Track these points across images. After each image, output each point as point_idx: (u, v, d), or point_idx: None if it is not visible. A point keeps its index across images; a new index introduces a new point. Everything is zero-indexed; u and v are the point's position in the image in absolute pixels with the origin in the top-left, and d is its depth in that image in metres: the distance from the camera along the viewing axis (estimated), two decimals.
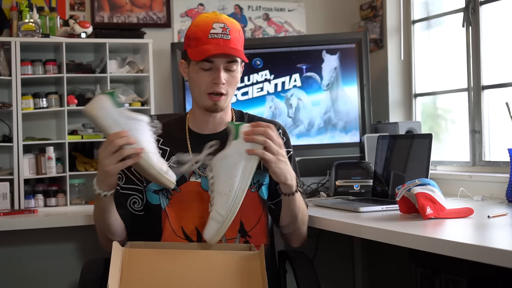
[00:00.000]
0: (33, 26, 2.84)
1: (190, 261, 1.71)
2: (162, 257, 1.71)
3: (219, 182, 1.75)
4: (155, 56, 3.08)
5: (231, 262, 1.71)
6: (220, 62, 1.89)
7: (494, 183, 2.57)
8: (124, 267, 1.69)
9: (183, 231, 1.92)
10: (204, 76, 1.90)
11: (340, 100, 3.10)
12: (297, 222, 1.96)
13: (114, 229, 1.92)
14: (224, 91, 1.91)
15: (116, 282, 1.65)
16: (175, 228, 1.93)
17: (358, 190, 2.74)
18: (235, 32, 1.91)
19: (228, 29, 1.89)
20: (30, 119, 2.92)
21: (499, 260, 1.42)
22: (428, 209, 1.90)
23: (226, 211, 1.71)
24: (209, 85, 1.90)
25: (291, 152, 2.03)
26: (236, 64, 1.92)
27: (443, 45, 3.18)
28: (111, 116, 1.73)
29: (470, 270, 2.23)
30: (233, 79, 1.93)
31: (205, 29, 1.89)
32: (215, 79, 1.89)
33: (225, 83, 1.90)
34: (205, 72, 1.90)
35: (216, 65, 1.89)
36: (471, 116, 2.90)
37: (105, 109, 1.73)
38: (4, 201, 2.72)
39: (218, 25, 1.89)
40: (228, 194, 1.72)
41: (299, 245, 2.06)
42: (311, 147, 3.07)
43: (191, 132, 2.01)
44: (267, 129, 1.76)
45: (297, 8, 3.57)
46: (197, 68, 1.91)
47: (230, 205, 1.71)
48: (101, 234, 1.95)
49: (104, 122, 1.73)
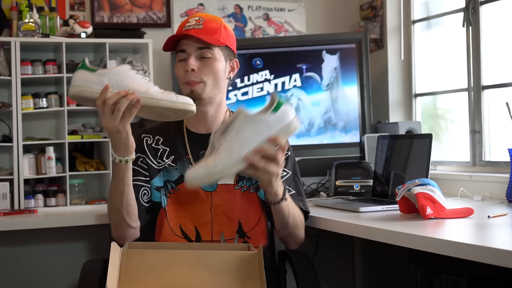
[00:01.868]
0: (33, 26, 2.84)
1: (189, 261, 1.70)
2: (160, 258, 1.70)
3: (236, 137, 1.65)
4: (155, 56, 3.08)
5: (229, 262, 1.70)
6: (191, 50, 1.91)
7: (494, 183, 2.57)
8: (123, 267, 1.68)
9: (181, 230, 1.93)
10: (180, 67, 1.93)
11: (340, 100, 3.10)
12: (289, 227, 1.95)
13: (132, 210, 1.85)
14: (196, 79, 1.90)
15: (114, 283, 1.64)
16: (173, 227, 1.93)
17: (358, 190, 2.74)
18: (211, 23, 1.92)
19: (202, 20, 1.92)
20: (30, 119, 2.92)
21: (499, 260, 1.42)
22: (428, 209, 1.89)
23: (220, 170, 1.63)
24: (183, 74, 1.91)
25: (288, 154, 2.03)
26: (210, 51, 1.91)
27: (443, 45, 3.18)
28: (93, 82, 1.67)
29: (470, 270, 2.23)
30: (208, 67, 1.91)
31: (182, 25, 1.94)
32: (185, 66, 1.91)
33: (196, 71, 1.90)
34: (181, 62, 1.93)
35: (188, 53, 1.92)
36: (471, 116, 2.90)
37: (84, 81, 1.68)
38: (4, 201, 2.72)
39: (194, 18, 1.93)
40: (233, 157, 1.64)
41: (296, 247, 2.05)
42: (311, 147, 3.07)
43: (188, 132, 2.01)
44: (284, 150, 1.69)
45: (297, 8, 3.56)
46: (176, 62, 1.96)
47: (227, 168, 1.63)
48: (118, 222, 1.86)
49: (90, 92, 1.67)
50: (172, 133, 2.01)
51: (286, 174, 2.02)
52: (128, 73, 1.69)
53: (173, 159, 1.96)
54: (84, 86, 1.67)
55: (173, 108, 1.70)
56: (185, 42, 1.92)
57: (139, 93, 1.66)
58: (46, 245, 2.99)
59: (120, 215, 1.84)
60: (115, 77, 1.68)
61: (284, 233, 1.98)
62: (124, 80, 1.67)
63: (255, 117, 1.66)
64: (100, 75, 1.68)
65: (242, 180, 1.97)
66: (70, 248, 3.00)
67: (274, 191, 1.79)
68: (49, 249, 2.99)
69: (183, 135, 2.00)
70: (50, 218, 2.62)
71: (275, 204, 1.85)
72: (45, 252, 2.99)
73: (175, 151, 1.96)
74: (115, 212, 1.85)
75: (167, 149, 1.97)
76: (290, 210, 1.90)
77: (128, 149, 1.73)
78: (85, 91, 1.67)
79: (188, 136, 2.00)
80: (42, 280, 2.98)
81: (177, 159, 1.97)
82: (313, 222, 2.17)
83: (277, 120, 1.66)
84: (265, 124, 1.65)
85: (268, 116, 1.65)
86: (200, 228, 1.93)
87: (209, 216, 1.93)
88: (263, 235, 1.99)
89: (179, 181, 1.94)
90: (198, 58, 1.91)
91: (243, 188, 1.96)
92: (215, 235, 1.93)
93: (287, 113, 1.67)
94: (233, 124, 1.66)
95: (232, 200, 1.94)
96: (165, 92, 1.71)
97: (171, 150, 1.97)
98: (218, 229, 1.93)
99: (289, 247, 2.07)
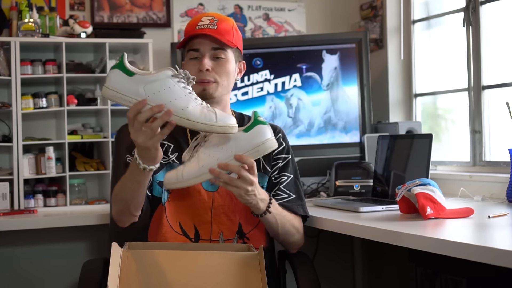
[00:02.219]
0: (32, 26, 2.84)
1: (189, 262, 1.70)
2: (161, 259, 1.70)
3: (207, 148, 1.69)
4: (155, 56, 3.08)
5: (230, 263, 1.70)
6: (205, 49, 1.91)
7: (494, 183, 2.56)
8: (123, 268, 1.68)
9: (180, 227, 1.93)
10: (192, 66, 1.92)
11: (340, 100, 3.10)
12: (280, 236, 1.97)
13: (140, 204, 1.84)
14: (211, 79, 1.91)
15: (115, 283, 1.64)
16: (172, 223, 1.92)
17: (358, 190, 2.73)
18: (224, 24, 1.92)
19: (216, 20, 1.92)
20: (29, 119, 2.92)
21: (499, 260, 1.41)
22: (428, 209, 1.89)
23: (186, 179, 1.67)
24: (196, 73, 1.90)
25: (288, 158, 2.05)
26: (223, 52, 1.92)
27: (443, 45, 3.18)
28: (127, 89, 1.55)
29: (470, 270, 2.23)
30: (222, 67, 1.92)
31: (194, 23, 1.93)
32: (200, 66, 1.90)
33: (211, 71, 1.90)
34: (193, 61, 1.93)
35: (202, 53, 1.91)
36: (471, 116, 2.90)
37: (118, 84, 1.56)
38: (3, 201, 2.72)
39: (207, 18, 1.93)
40: (199, 167, 1.67)
41: (294, 251, 2.08)
42: (311, 147, 3.07)
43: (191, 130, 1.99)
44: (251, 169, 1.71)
45: (297, 8, 3.56)
46: (187, 60, 1.95)
47: (191, 177, 1.67)
48: (122, 210, 1.84)
49: (123, 99, 1.56)
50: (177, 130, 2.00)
51: (287, 179, 2.03)
52: (167, 83, 1.56)
53: (177, 156, 1.96)
54: (117, 92, 1.56)
55: (212, 130, 1.61)
56: (198, 41, 1.92)
57: (175, 111, 1.55)
58: (46, 245, 2.98)
59: (126, 206, 1.82)
60: (152, 86, 1.55)
61: (278, 240, 2.03)
62: (161, 91, 1.55)
63: (228, 133, 1.65)
64: (136, 81, 1.55)
65: None
66: (70, 248, 3.00)
67: (254, 205, 1.81)
68: (49, 249, 2.99)
69: (186, 133, 1.99)
70: (50, 218, 2.62)
71: (260, 216, 1.88)
72: (45, 252, 2.99)
73: (179, 148, 1.96)
74: (122, 202, 1.83)
75: (171, 145, 1.97)
76: (278, 221, 1.92)
77: (155, 161, 1.67)
78: (118, 97, 1.57)
79: (191, 134, 1.99)
80: (42, 280, 2.97)
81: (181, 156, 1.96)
82: (313, 222, 2.16)
83: (247, 139, 1.67)
84: (234, 141, 1.67)
85: (239, 134, 1.67)
86: (200, 226, 1.93)
87: (209, 216, 1.93)
88: (263, 236, 1.99)
89: None
90: (212, 58, 1.92)
91: None
92: (214, 235, 1.93)
93: (260, 133, 1.67)
94: (210, 135, 1.69)
95: (234, 201, 1.94)
96: (205, 109, 1.59)
97: (175, 147, 1.97)
98: (217, 229, 1.93)
99: (289, 251, 2.09)
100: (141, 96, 1.55)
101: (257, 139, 1.67)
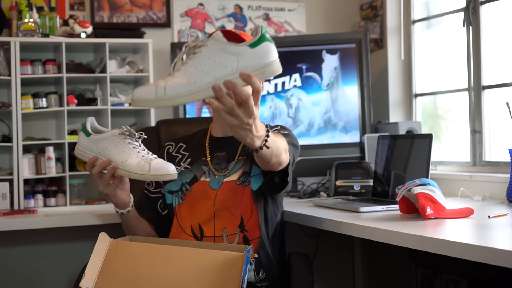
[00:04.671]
0: (32, 26, 2.84)
1: (172, 257, 1.71)
2: (144, 251, 1.73)
3: (199, 63, 1.40)
4: (155, 56, 3.08)
5: (211, 262, 1.68)
6: None
7: (494, 183, 2.56)
8: (107, 258, 1.74)
9: (191, 229, 1.98)
10: None
11: (340, 100, 3.10)
12: (270, 163, 1.75)
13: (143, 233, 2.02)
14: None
15: (95, 272, 1.70)
16: (183, 225, 1.98)
17: (358, 190, 2.73)
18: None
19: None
20: (29, 119, 2.92)
21: (499, 260, 1.41)
22: (429, 209, 1.89)
23: (170, 96, 1.39)
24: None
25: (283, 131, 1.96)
26: None
27: (443, 45, 3.18)
28: (86, 147, 1.83)
29: (470, 270, 2.23)
30: None
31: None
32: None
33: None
34: None
35: None
36: (471, 116, 2.90)
37: (82, 145, 1.84)
38: (3, 201, 2.72)
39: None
40: (189, 85, 1.39)
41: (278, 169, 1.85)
42: (311, 147, 3.06)
43: (211, 137, 2.08)
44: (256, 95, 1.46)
45: (297, 8, 3.56)
46: None
47: (176, 96, 1.39)
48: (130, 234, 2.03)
49: (84, 156, 1.84)
50: (197, 138, 2.10)
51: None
52: (113, 140, 1.80)
53: (189, 162, 2.03)
54: (81, 150, 1.84)
55: (145, 179, 1.79)
56: None
57: (118, 164, 1.78)
58: (46, 245, 2.98)
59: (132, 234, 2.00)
60: (102, 144, 1.81)
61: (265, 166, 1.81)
62: (108, 147, 1.80)
63: (228, 46, 1.39)
64: (91, 141, 1.82)
65: (243, 175, 1.98)
66: (70, 248, 3.00)
67: (248, 142, 1.53)
68: (49, 249, 2.99)
69: (205, 139, 2.07)
70: (50, 218, 2.62)
71: (256, 151, 1.62)
72: (45, 252, 2.99)
73: (194, 155, 2.04)
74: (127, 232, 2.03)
75: (185, 154, 2.06)
76: (274, 152, 1.69)
77: (123, 205, 1.91)
78: (81, 154, 1.85)
79: (210, 140, 2.07)
80: (42, 280, 2.97)
81: (194, 161, 2.04)
82: (313, 222, 2.16)
83: (254, 57, 1.40)
84: (236, 57, 1.39)
85: (244, 49, 1.39)
86: (204, 224, 1.97)
87: (212, 212, 1.96)
88: (257, 226, 1.99)
89: (192, 181, 2.01)
90: None
91: (245, 183, 1.97)
92: (218, 231, 1.95)
93: (268, 52, 1.42)
94: (202, 48, 1.41)
95: (235, 196, 1.96)
96: (142, 161, 1.78)
97: (190, 155, 2.05)
98: (220, 225, 1.95)
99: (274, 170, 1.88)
100: (95, 152, 1.82)
101: (264, 58, 1.42)
